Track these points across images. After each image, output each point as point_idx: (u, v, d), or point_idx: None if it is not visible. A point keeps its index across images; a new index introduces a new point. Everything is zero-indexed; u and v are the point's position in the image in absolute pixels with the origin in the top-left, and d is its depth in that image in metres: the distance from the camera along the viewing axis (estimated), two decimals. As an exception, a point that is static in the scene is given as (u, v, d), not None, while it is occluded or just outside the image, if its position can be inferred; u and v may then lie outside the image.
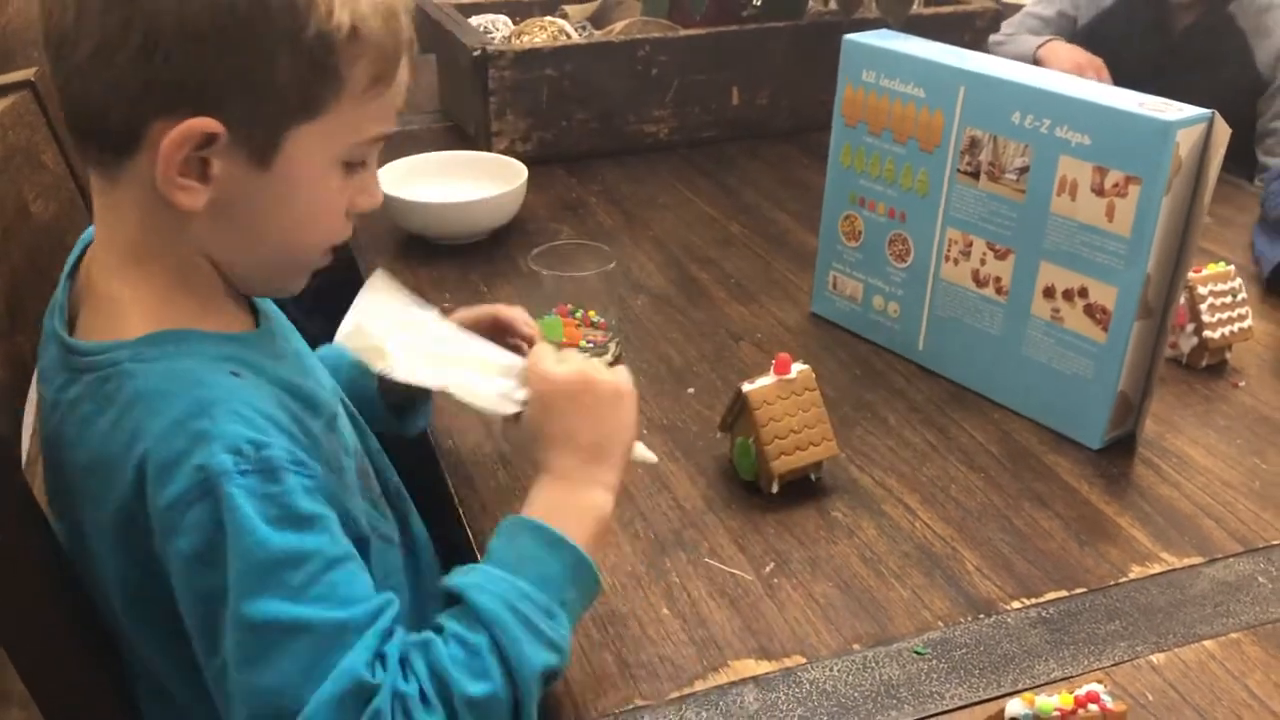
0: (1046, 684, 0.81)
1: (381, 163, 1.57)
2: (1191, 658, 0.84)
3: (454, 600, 0.73)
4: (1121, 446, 1.08)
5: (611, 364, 0.84)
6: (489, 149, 1.70)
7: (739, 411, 1.01)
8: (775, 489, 1.00)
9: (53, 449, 0.75)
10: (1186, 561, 0.94)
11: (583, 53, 1.74)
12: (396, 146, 1.53)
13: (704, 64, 1.81)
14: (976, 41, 1.99)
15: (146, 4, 0.66)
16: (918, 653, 0.84)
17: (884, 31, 1.21)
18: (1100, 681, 0.77)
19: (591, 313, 1.21)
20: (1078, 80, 1.06)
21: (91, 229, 0.82)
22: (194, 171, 0.70)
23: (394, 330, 0.86)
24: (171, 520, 0.67)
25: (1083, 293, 1.05)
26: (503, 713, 0.70)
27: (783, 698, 0.80)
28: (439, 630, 0.72)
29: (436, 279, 1.38)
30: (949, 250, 1.16)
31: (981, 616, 0.88)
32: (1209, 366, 1.22)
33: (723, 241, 1.53)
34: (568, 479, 0.79)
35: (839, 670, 0.82)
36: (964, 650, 0.84)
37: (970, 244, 1.14)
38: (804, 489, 1.01)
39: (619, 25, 1.82)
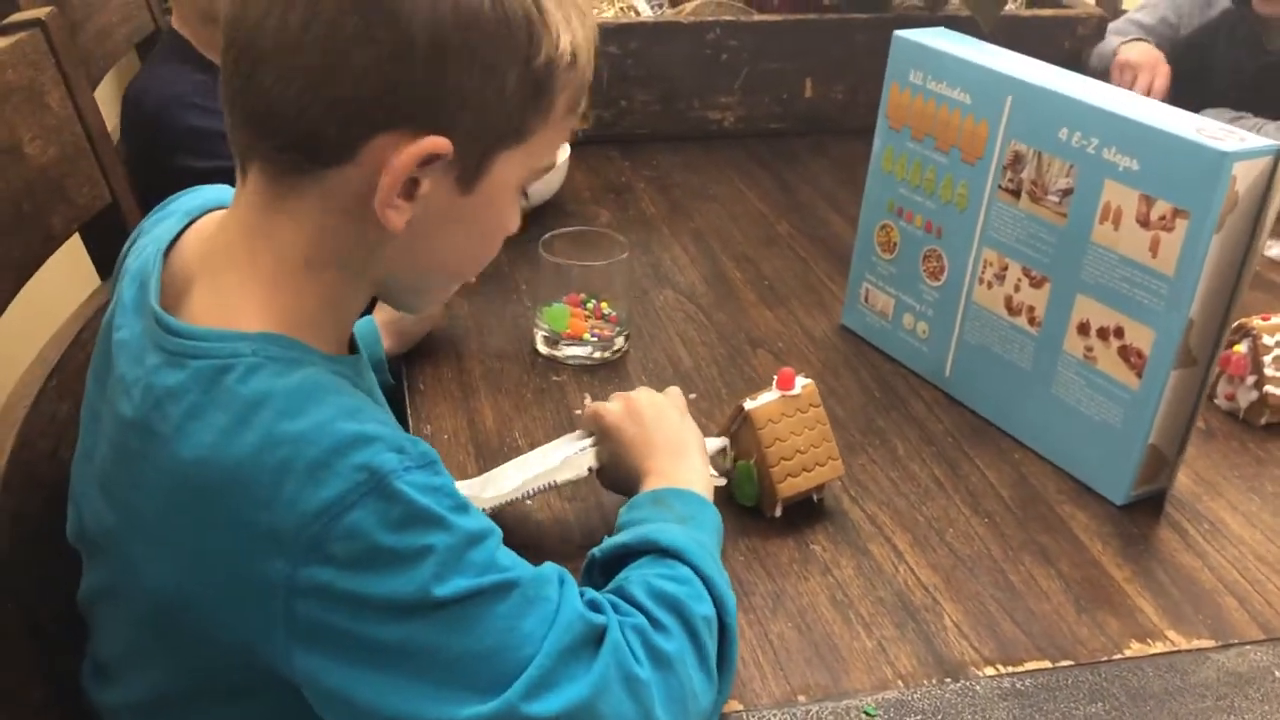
0: (1003, 766, 0.73)
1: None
2: (1177, 755, 0.75)
3: (628, 553, 0.76)
4: (1148, 505, 0.98)
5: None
6: (544, 124, 1.64)
7: (738, 429, 0.95)
8: (778, 513, 0.93)
9: (139, 436, 0.66)
10: (1195, 644, 0.84)
11: (648, 31, 1.67)
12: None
13: (778, 52, 1.73)
14: (1079, 50, 1.86)
15: (396, 10, 0.62)
16: (867, 714, 0.77)
17: (940, 30, 1.12)
18: None
19: (605, 304, 1.15)
20: (1134, 98, 0.96)
21: (186, 201, 0.79)
22: (404, 191, 0.66)
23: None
24: (323, 528, 0.60)
25: (1119, 333, 0.95)
26: (716, 636, 0.73)
27: (707, 747, 0.73)
28: (634, 571, 0.74)
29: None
30: (983, 272, 1.07)
31: (948, 680, 0.80)
32: (1268, 425, 1.11)
33: (766, 240, 1.45)
34: (667, 474, 0.84)
35: (775, 723, 0.76)
36: (919, 717, 0.77)
37: (1006, 267, 1.04)
38: (790, 515, 0.93)
39: (690, 5, 1.74)
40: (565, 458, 0.91)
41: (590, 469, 0.89)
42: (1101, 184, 0.94)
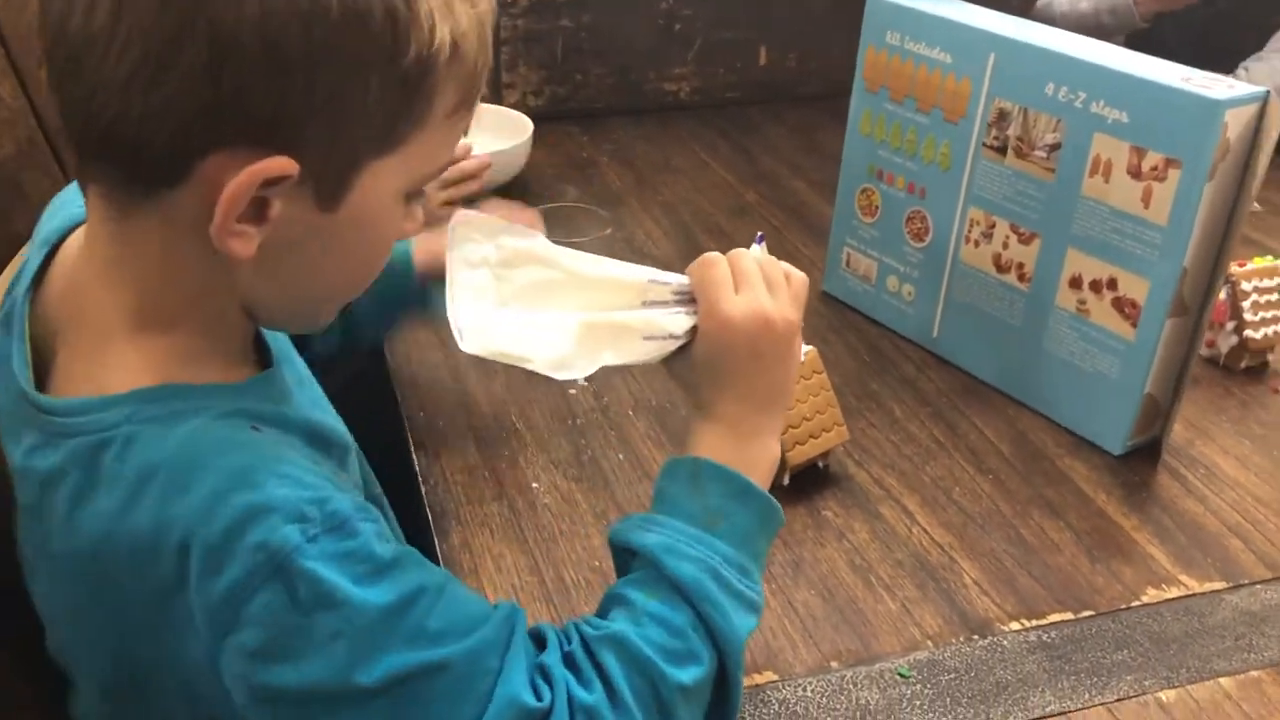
0: (1040, 718, 0.74)
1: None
2: (1205, 696, 0.76)
3: (634, 559, 0.67)
4: (1145, 453, 1.00)
5: (690, 332, 0.72)
6: (499, 102, 1.61)
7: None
8: (787, 481, 0.92)
9: (32, 525, 0.62)
10: (1208, 586, 0.86)
11: (601, 4, 1.65)
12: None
13: (731, 21, 1.72)
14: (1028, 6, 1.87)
15: (217, 8, 0.52)
16: (901, 675, 0.77)
17: (913, -10, 1.12)
18: None
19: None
20: (1120, 51, 0.96)
21: (46, 224, 0.71)
22: (249, 214, 0.57)
23: (514, 307, 0.71)
24: (230, 613, 0.56)
25: (1112, 284, 0.96)
26: (709, 689, 0.65)
27: (747, 718, 0.73)
28: (625, 603, 0.65)
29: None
30: (970, 231, 1.07)
31: (975, 638, 0.80)
32: (1249, 368, 1.13)
33: (736, 210, 1.44)
34: (739, 429, 0.71)
35: (813, 690, 0.75)
36: (952, 675, 0.77)
37: (993, 225, 1.05)
38: (798, 482, 0.93)
39: (642, -24, 1.72)
40: (661, 335, 0.72)
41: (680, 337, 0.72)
42: (1090, 138, 0.95)
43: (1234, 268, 1.12)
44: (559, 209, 1.17)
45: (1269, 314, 1.11)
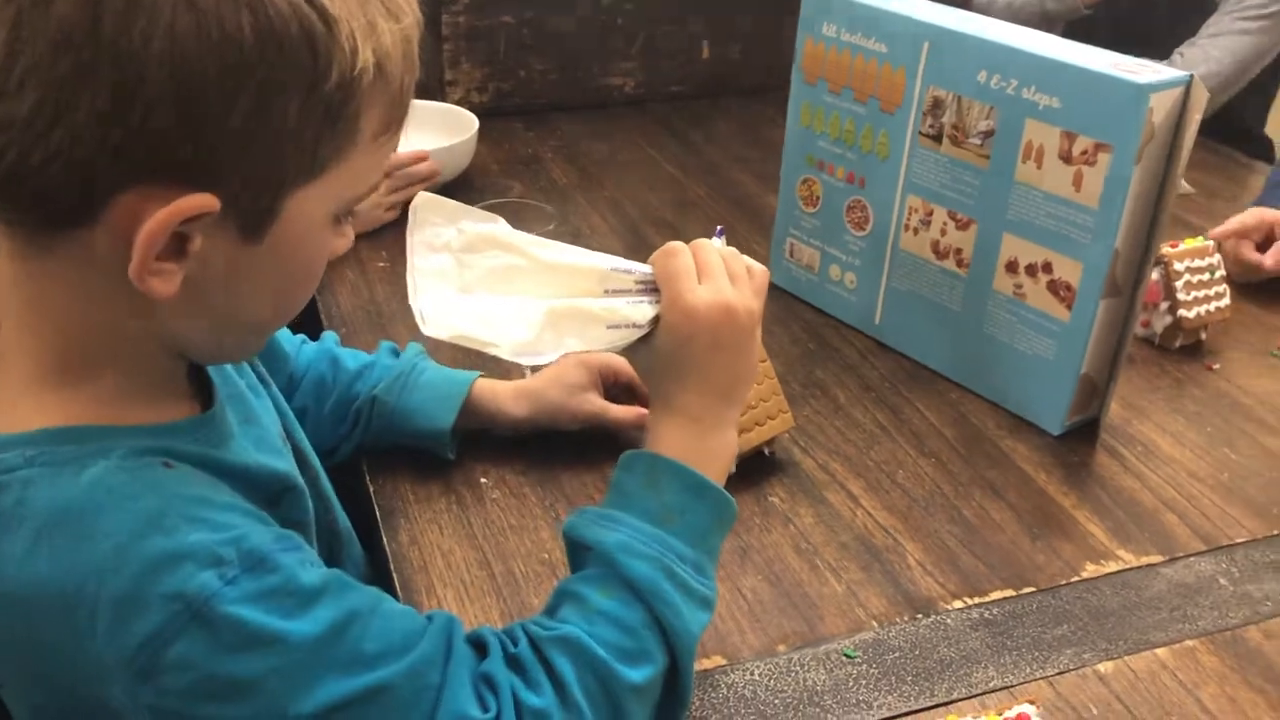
0: (983, 693, 0.75)
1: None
2: (1142, 667, 0.78)
3: (588, 555, 0.67)
4: (1084, 433, 1.02)
5: (652, 322, 0.72)
6: (443, 99, 1.61)
7: (680, 388, 0.94)
8: (733, 469, 0.93)
9: None
10: (1144, 560, 0.88)
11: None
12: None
13: (673, 14, 1.73)
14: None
15: (121, 45, 0.49)
16: (847, 655, 0.78)
17: (849, -18, 1.13)
18: (1032, 701, 0.71)
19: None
20: (1051, 38, 0.98)
21: None
22: (169, 251, 0.54)
23: (478, 292, 0.70)
24: (148, 662, 0.54)
25: (1047, 268, 0.98)
26: (660, 686, 0.65)
27: (696, 703, 0.74)
28: (578, 601, 0.65)
29: (373, 237, 1.30)
30: (909, 219, 1.08)
31: (919, 616, 0.81)
32: (1183, 347, 1.15)
33: (682, 204, 1.45)
34: (700, 421, 0.71)
35: (760, 674, 0.76)
36: (897, 654, 0.78)
37: (931, 213, 1.06)
38: (745, 470, 0.94)
39: (583, -29, 1.73)
40: (623, 325, 0.71)
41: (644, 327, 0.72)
42: (1023, 124, 0.96)
43: (1166, 249, 1.14)
44: (505, 204, 1.17)
45: (1201, 293, 1.14)
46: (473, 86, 1.65)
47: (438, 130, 1.45)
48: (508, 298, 0.70)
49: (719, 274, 0.72)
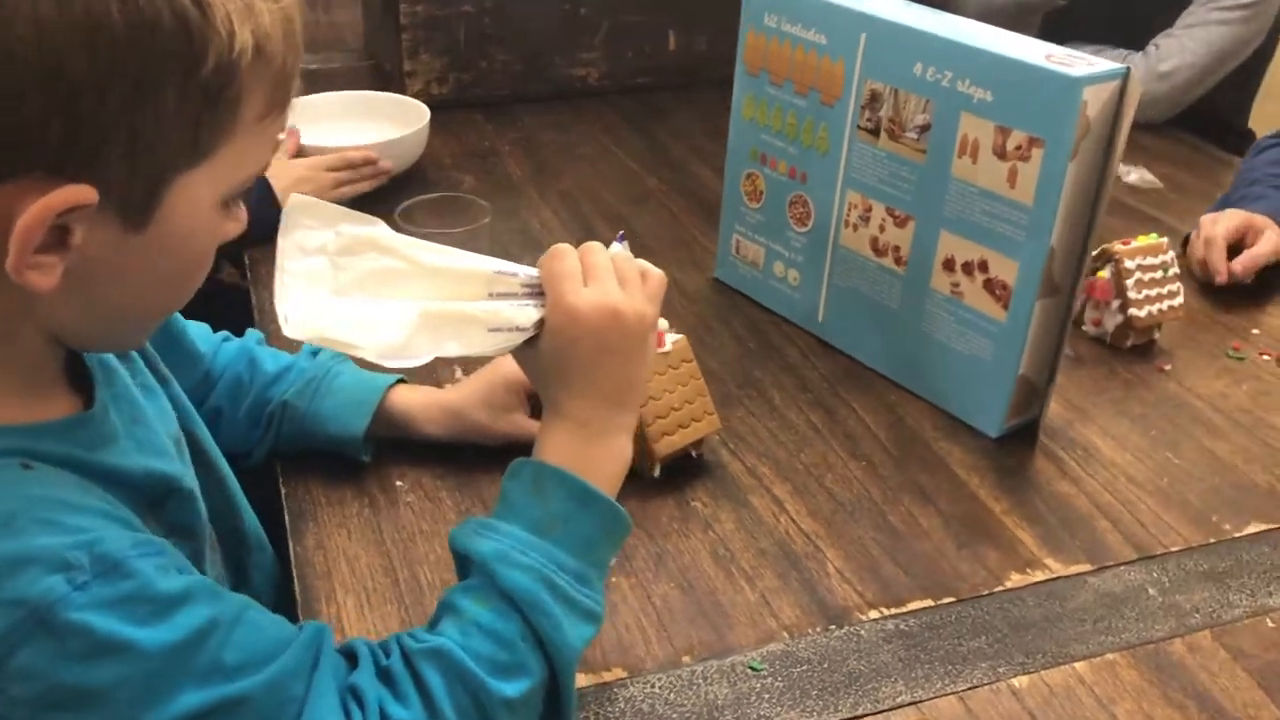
0: (890, 709, 0.73)
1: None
2: (1058, 681, 0.75)
3: (470, 565, 0.65)
4: (1023, 435, 0.99)
5: (537, 325, 0.70)
6: (403, 91, 1.59)
7: (606, 389, 0.92)
8: (658, 473, 0.91)
9: None
10: (1073, 569, 0.85)
11: (504, -12, 1.63)
12: (310, 85, 1.43)
13: (638, 4, 1.70)
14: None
15: None
16: (753, 668, 0.76)
17: (792, -29, 1.10)
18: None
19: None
20: (987, 29, 0.95)
21: None
22: (49, 244, 0.53)
23: (355, 296, 0.68)
24: None
25: (983, 266, 0.95)
26: (539, 700, 0.64)
27: (591, 717, 0.71)
28: (455, 612, 0.64)
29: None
30: (849, 215, 1.06)
31: (833, 627, 0.79)
32: (1135, 347, 1.12)
33: (637, 198, 1.42)
34: (587, 427, 0.70)
35: (661, 687, 0.74)
36: (805, 667, 0.76)
37: (870, 209, 1.03)
38: (670, 473, 0.91)
39: (546, -40, 1.70)
40: (506, 329, 0.70)
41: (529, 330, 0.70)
42: (958, 117, 0.93)
43: (1118, 246, 1.11)
44: (444, 199, 1.15)
45: (1153, 291, 1.10)
46: (432, 78, 1.63)
47: (391, 121, 1.43)
48: (384, 300, 0.69)
49: (606, 276, 0.70)
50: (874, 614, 0.80)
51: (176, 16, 0.51)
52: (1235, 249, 1.22)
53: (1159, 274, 1.11)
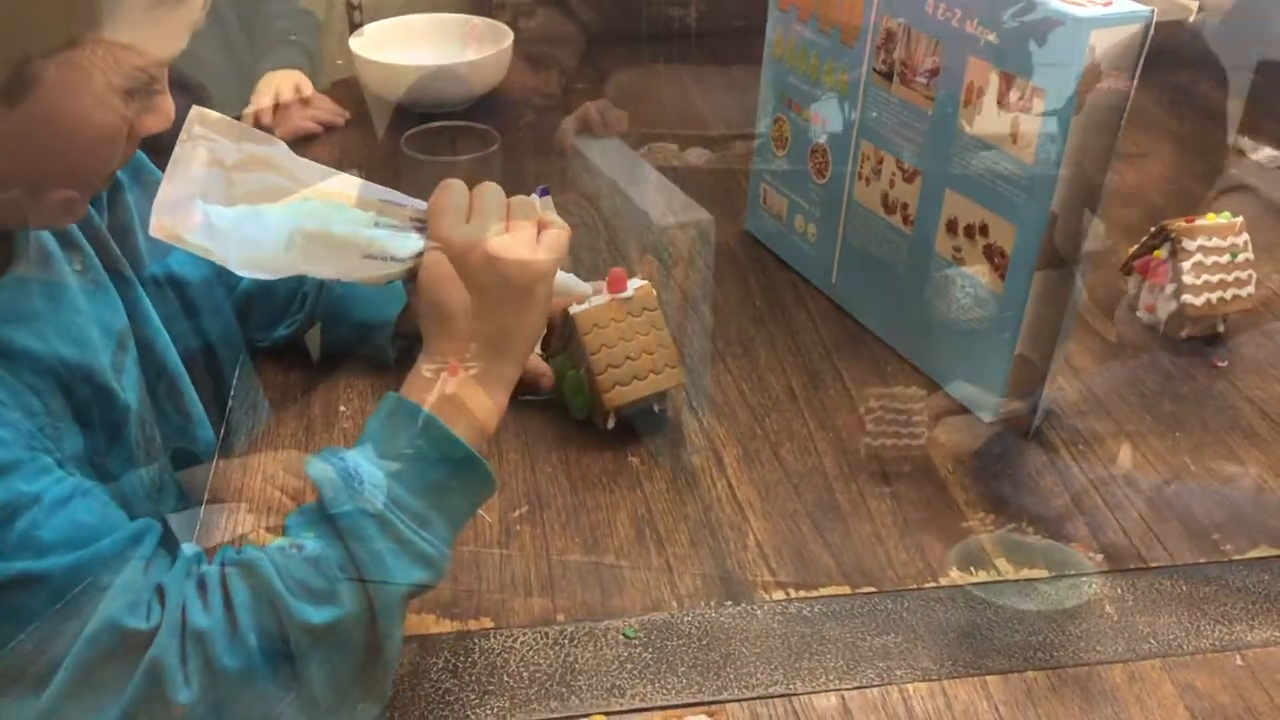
0: (759, 698, 0.67)
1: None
2: (961, 694, 0.67)
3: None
4: (1020, 422, 0.89)
5: (416, 257, 0.66)
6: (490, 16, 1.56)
7: (567, 337, 0.88)
8: (611, 424, 0.86)
9: None
10: (1025, 573, 0.76)
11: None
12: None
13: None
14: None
15: None
16: (626, 635, 0.70)
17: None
18: (710, 713, 0.62)
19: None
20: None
21: None
22: None
23: (240, 208, 0.67)
24: None
25: (983, 230, 0.86)
26: (355, 637, 0.61)
27: (440, 664, 0.68)
28: (287, 532, 0.64)
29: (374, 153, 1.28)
30: (862, 167, 0.97)
31: (728, 604, 0.73)
32: (1192, 339, 0.99)
33: (703, 142, 1.36)
34: (455, 369, 0.67)
35: (522, 643, 0.70)
36: (682, 641, 0.70)
37: (882, 161, 0.94)
38: (623, 426, 0.86)
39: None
40: (382, 256, 0.68)
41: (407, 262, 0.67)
42: (965, 61, 0.84)
43: (1179, 223, 0.98)
44: (446, 128, 1.12)
45: (1216, 278, 0.97)
46: (521, 10, 1.60)
47: (477, 44, 1.42)
48: (264, 215, 0.67)
49: (490, 216, 0.66)
50: (779, 595, 0.74)
51: None
52: None
53: (1225, 258, 0.98)
